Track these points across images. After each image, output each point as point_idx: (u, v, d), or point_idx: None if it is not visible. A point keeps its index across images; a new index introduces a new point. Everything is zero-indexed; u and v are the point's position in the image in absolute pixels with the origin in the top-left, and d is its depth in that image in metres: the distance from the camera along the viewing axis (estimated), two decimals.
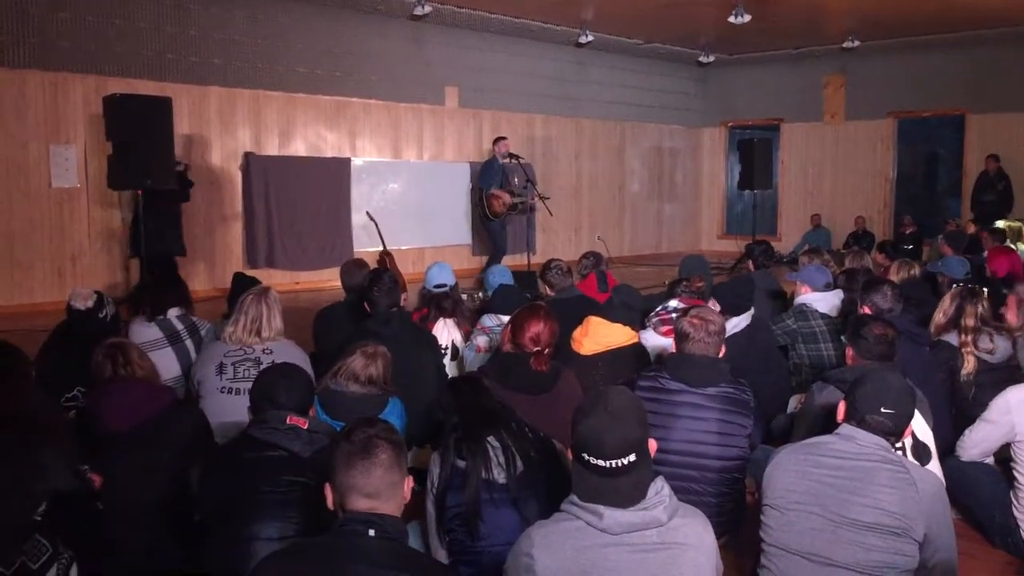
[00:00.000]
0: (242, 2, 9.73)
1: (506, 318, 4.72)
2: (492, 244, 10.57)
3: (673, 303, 4.90)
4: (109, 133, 7.34)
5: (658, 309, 4.92)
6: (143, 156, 7.22)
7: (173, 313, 4.86)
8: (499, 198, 10.23)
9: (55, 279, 8.53)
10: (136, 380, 3.33)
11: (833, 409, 3.29)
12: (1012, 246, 8.59)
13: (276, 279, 9.21)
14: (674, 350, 3.65)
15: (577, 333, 4.47)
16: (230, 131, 9.70)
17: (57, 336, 4.57)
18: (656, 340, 4.72)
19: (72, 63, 8.52)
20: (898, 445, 2.93)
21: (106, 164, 7.68)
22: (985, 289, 4.86)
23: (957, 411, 4.25)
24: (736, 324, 4.66)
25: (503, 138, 10.70)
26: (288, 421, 2.73)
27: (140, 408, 3.15)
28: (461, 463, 2.82)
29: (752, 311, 4.86)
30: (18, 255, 8.32)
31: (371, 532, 2.04)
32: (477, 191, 10.78)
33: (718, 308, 4.51)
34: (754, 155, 12.17)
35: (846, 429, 2.74)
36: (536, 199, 10.57)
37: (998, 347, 4.33)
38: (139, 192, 7.37)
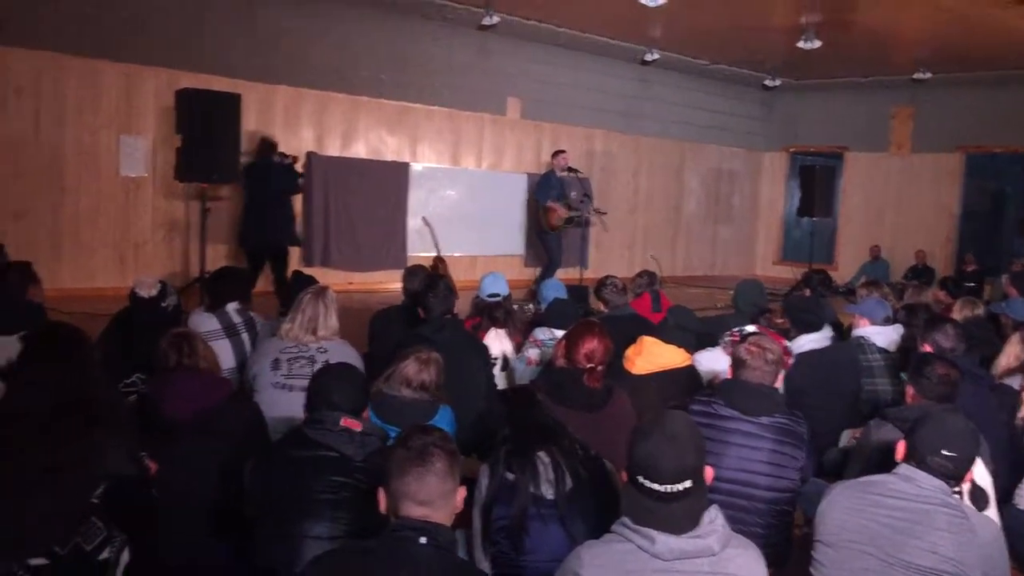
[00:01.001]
0: (313, 5, 9.87)
1: (559, 332, 4.72)
2: (547, 256, 10.57)
3: (750, 327, 4.83)
4: (179, 126, 7.51)
5: (733, 330, 4.85)
6: (211, 150, 7.36)
7: (231, 307, 4.94)
8: (555, 211, 10.23)
9: (117, 265, 8.72)
10: (198, 370, 3.39)
11: (889, 447, 3.23)
12: None
13: (330, 279, 9.28)
14: (730, 376, 3.61)
15: (630, 352, 4.44)
16: (294, 130, 9.84)
17: (119, 322, 4.66)
18: (710, 364, 4.67)
19: (146, 56, 8.72)
20: (956, 489, 2.86)
21: (173, 156, 7.87)
22: None
23: (1016, 456, 4.14)
24: (809, 341, 4.62)
25: (562, 152, 10.69)
26: (342, 423, 2.75)
27: (201, 398, 3.20)
28: (510, 476, 2.81)
29: (831, 333, 4.80)
30: (84, 239, 8.52)
31: (422, 540, 2.05)
32: (534, 203, 10.79)
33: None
34: (815, 182, 12.02)
35: (905, 469, 2.68)
36: (592, 214, 10.55)
37: None
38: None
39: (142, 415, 3.19)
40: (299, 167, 9.04)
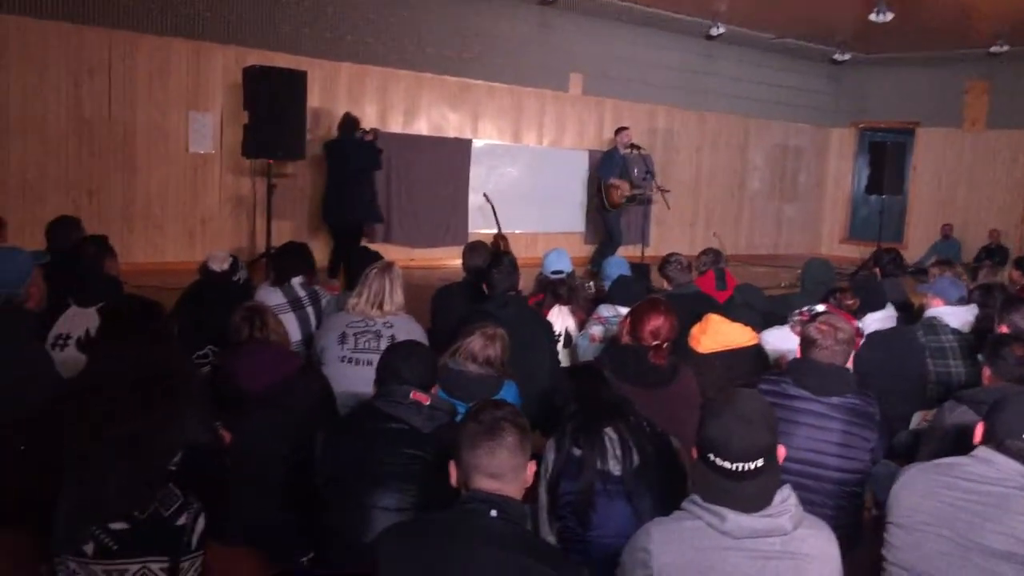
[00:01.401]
0: None
1: (623, 309, 4.70)
2: (606, 234, 10.50)
3: (820, 307, 4.74)
4: (246, 103, 7.62)
5: (803, 308, 4.77)
6: (276, 127, 7.46)
7: (296, 281, 5.00)
8: (618, 188, 10.16)
9: (186, 240, 8.92)
10: (269, 343, 3.45)
11: (965, 430, 3.16)
12: None
13: (391, 254, 9.28)
14: (799, 355, 3.55)
15: (695, 330, 4.40)
16: (358, 107, 9.88)
17: (190, 295, 4.77)
18: (777, 343, 4.61)
19: (213, 33, 8.85)
20: None
21: (240, 133, 7.99)
22: None
23: None
24: (873, 320, 4.55)
25: (625, 128, 10.60)
26: (411, 396, 2.78)
27: (272, 371, 3.27)
28: (577, 452, 2.82)
29: (895, 313, 4.72)
30: (154, 215, 8.72)
31: (493, 512, 2.07)
32: (596, 180, 10.73)
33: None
34: (886, 159, 11.74)
35: (983, 452, 2.61)
36: (655, 191, 10.45)
37: None
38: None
39: (215, 387, 3.27)
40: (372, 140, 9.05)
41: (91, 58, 8.22)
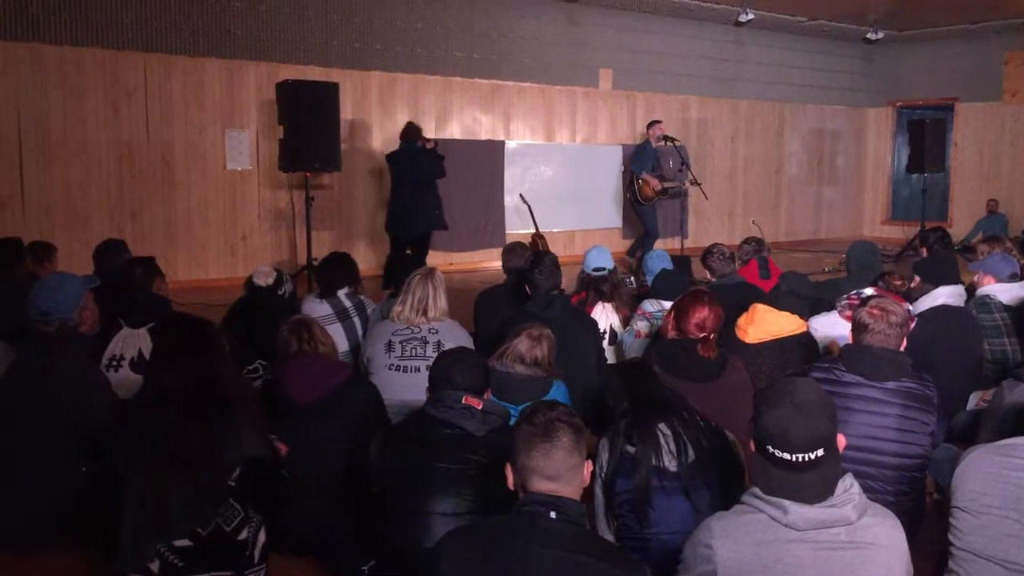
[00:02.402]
0: None
1: (668, 304, 4.66)
2: (643, 228, 10.44)
3: (868, 291, 4.68)
4: (281, 117, 7.69)
5: (851, 293, 4.70)
6: (312, 139, 7.52)
7: (342, 292, 5.04)
8: (649, 183, 10.10)
9: (228, 256, 9.03)
10: (318, 355, 3.48)
11: None
12: None
13: (431, 260, 9.38)
14: (850, 341, 3.50)
15: (742, 321, 4.35)
16: (390, 115, 9.97)
17: (238, 311, 4.83)
18: (826, 330, 4.55)
19: (245, 50, 8.96)
20: None
21: (276, 147, 8.07)
22: None
23: None
24: (944, 294, 4.53)
25: (658, 121, 10.54)
26: (464, 401, 2.79)
27: (322, 382, 3.30)
28: (631, 449, 2.80)
29: (962, 291, 4.69)
30: (196, 233, 8.84)
31: (552, 514, 2.06)
32: (628, 174, 10.67)
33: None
34: (925, 136, 11.56)
35: None
36: (689, 184, 10.39)
37: None
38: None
39: (268, 400, 3.30)
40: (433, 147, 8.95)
41: (128, 82, 8.37)
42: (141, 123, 8.48)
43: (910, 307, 4.64)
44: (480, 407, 2.81)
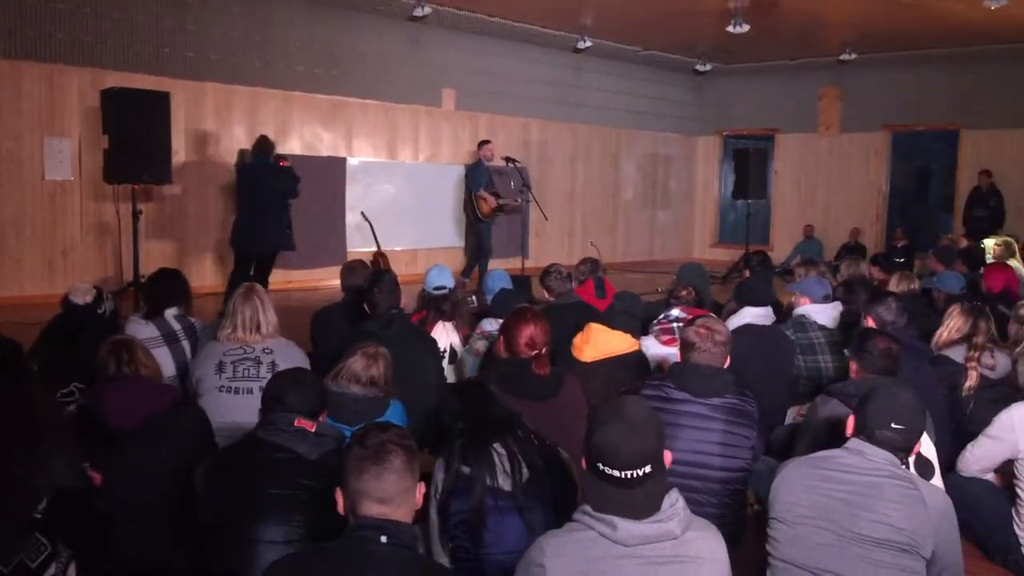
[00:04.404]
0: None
1: None
2: (477, 245, 10.50)
3: (675, 312, 4.88)
4: (106, 127, 7.31)
5: (660, 318, 4.91)
6: (141, 151, 7.18)
7: (170, 313, 4.80)
8: (486, 200, 10.22)
9: (46, 272, 8.46)
10: (139, 378, 3.30)
11: (837, 422, 3.29)
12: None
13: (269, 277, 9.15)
14: (678, 359, 3.63)
15: (578, 340, 4.44)
16: (226, 128, 9.64)
17: (53, 330, 4.51)
18: (657, 349, 4.71)
19: (68, 56, 8.46)
20: (903, 461, 2.91)
21: (101, 158, 7.65)
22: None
23: (956, 426, 4.25)
24: (752, 315, 4.75)
25: (487, 142, 10.67)
26: (296, 424, 2.70)
27: (143, 406, 3.12)
28: (466, 469, 2.79)
29: (770, 312, 4.93)
30: (9, 247, 8.24)
31: (383, 539, 2.02)
32: (465, 192, 10.71)
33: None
34: (749, 165, 12.23)
35: (855, 443, 2.72)
36: (530, 201, 10.58)
37: (999, 363, 4.34)
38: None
39: (82, 425, 3.09)
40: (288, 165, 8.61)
41: None
42: None
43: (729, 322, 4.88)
44: (313, 429, 2.74)
